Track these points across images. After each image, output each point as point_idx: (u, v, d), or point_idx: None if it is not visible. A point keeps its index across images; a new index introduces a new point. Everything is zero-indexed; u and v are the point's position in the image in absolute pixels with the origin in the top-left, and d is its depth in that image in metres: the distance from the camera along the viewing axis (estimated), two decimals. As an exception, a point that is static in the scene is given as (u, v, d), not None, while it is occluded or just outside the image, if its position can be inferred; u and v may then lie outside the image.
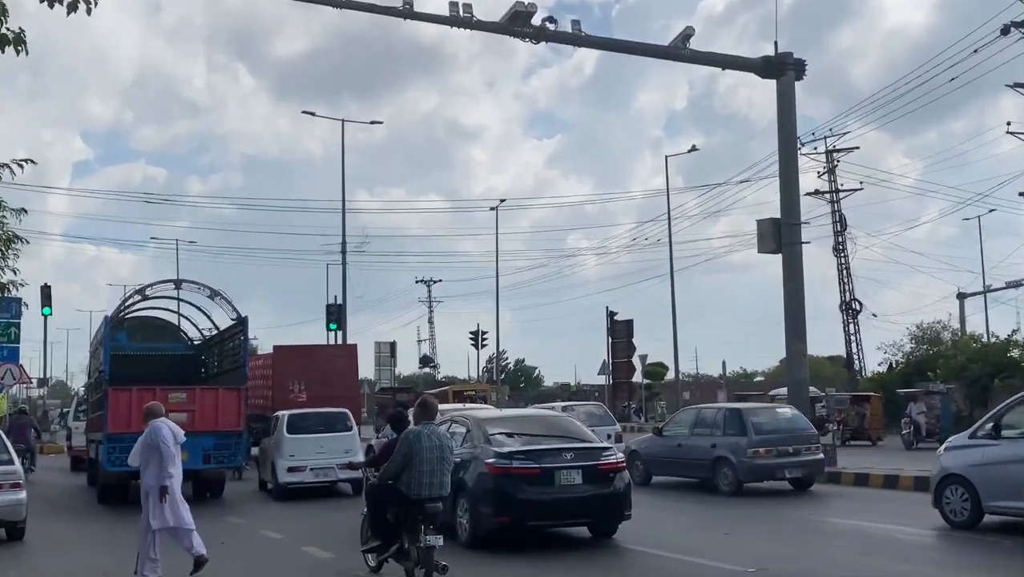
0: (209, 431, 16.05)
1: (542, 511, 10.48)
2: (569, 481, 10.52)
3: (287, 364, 25.27)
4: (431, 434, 8.55)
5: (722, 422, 16.55)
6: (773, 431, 16.33)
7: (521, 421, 11.93)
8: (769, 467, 16.01)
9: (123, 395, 16.08)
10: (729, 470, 16.04)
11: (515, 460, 10.46)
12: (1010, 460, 10.85)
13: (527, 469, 10.43)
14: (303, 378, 24.57)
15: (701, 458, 16.49)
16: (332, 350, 28.48)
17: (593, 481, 10.59)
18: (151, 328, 21.31)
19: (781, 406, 18.92)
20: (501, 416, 12.41)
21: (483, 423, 11.26)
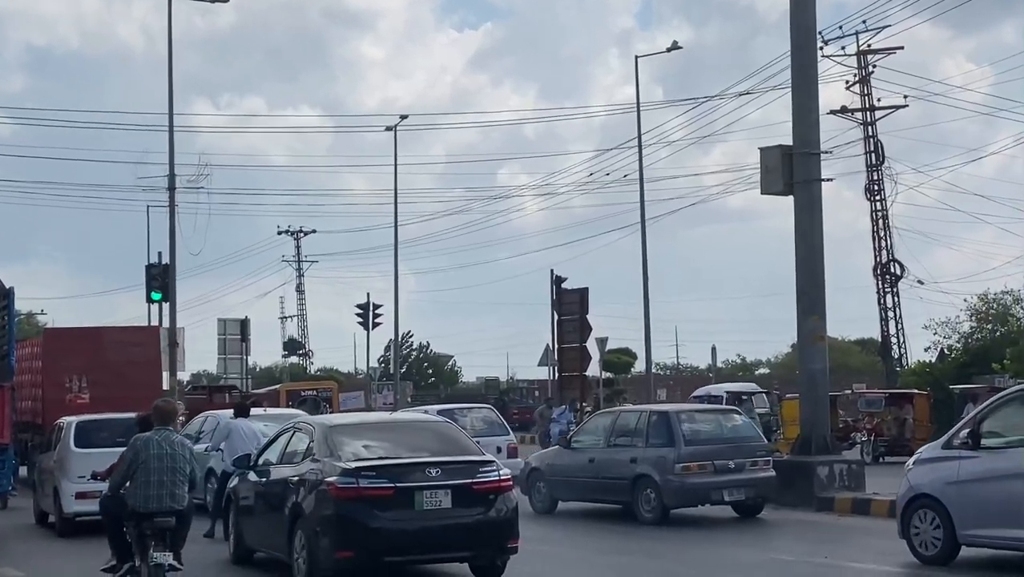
0: None
1: (398, 543, 11.14)
2: (434, 504, 11.21)
3: (63, 354, 25.46)
4: (162, 441, 10.12)
5: (645, 429, 17.30)
6: (709, 440, 17.19)
7: (381, 429, 12.77)
8: (703, 487, 16.71)
9: None
10: (652, 492, 16.74)
11: (363, 478, 11.11)
12: (991, 476, 11.42)
13: (379, 490, 11.06)
14: (85, 372, 24.87)
15: (619, 477, 17.20)
16: (127, 335, 28.74)
17: (466, 504, 11.31)
18: None
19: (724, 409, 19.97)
20: (355, 422, 13.40)
21: (331, 431, 12.06)
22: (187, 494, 10.30)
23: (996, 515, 11.33)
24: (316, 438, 12.08)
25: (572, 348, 46.16)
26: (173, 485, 10.06)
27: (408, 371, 78.73)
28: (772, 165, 20.01)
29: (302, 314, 76.38)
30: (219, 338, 46.53)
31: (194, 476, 10.47)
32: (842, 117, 45.54)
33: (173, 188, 38.38)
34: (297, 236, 74.27)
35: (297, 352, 73.57)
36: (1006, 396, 12.16)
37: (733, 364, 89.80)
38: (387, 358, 71.88)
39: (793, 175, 19.82)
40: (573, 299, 46.47)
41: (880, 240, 46.10)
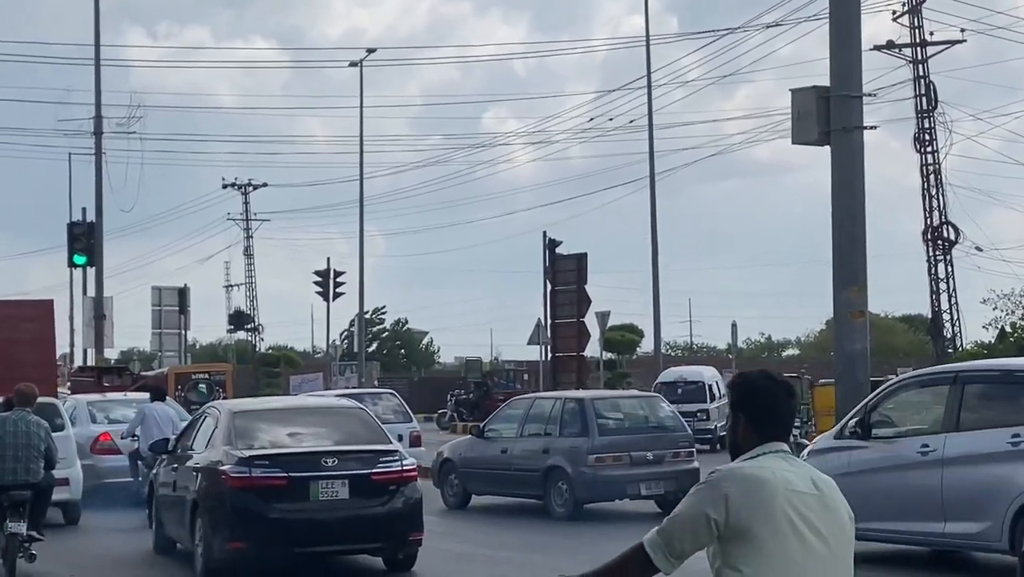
0: None
1: (292, 535, 12.68)
2: (330, 495, 12.79)
3: None
4: (18, 420, 13.19)
5: (559, 417, 18.71)
6: (626, 430, 18.70)
7: (285, 415, 14.48)
8: (618, 481, 18.05)
9: None
10: (565, 485, 18.10)
11: (256, 468, 12.67)
12: (880, 468, 12.73)
13: (272, 479, 12.66)
14: None
15: (531, 469, 18.65)
16: (12, 309, 29.59)
17: (365, 495, 12.93)
18: None
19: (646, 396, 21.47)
20: (259, 408, 15.20)
21: (233, 417, 13.66)
22: (43, 470, 13.23)
23: (885, 508, 12.40)
24: (220, 423, 13.67)
25: (568, 324, 46.32)
26: (28, 460, 13.09)
27: (377, 351, 78.90)
28: (805, 110, 20.02)
29: (251, 282, 76.51)
30: (153, 309, 46.80)
31: (50, 453, 13.36)
32: (888, 54, 45.59)
33: (100, 132, 38.80)
34: (245, 190, 74.29)
35: (244, 327, 73.56)
36: (900, 382, 13.39)
37: (756, 344, 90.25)
38: (351, 335, 71.98)
39: (830, 122, 19.82)
40: (569, 266, 46.62)
41: (931, 199, 46.27)
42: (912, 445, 12.62)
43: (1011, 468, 11.60)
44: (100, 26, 37.71)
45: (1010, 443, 11.71)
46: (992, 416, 12.35)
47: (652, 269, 42.66)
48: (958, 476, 12.02)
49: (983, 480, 11.82)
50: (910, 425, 13.11)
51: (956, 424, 12.31)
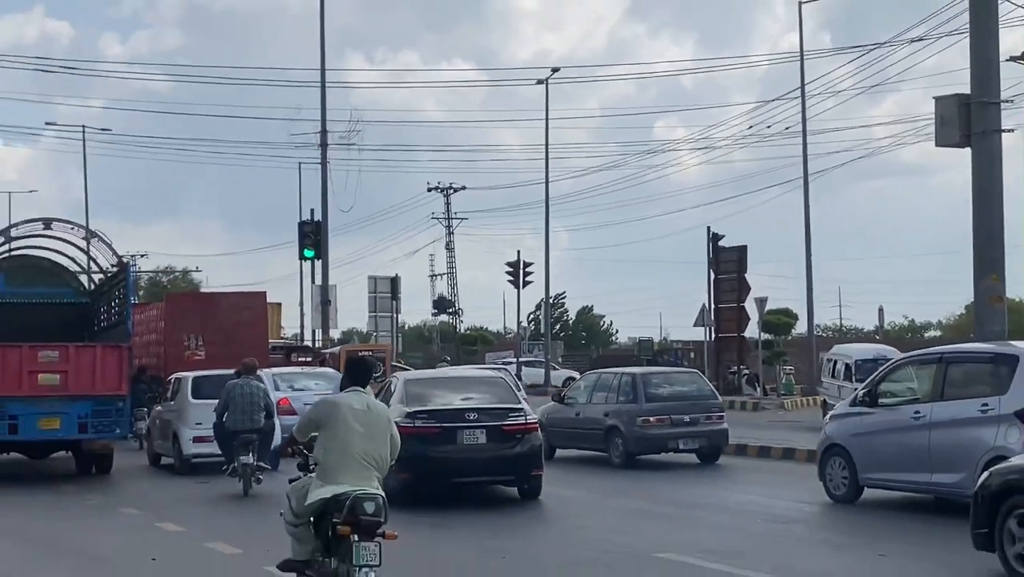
0: (85, 395, 18.84)
1: (443, 469, 15.20)
2: (472, 440, 15.32)
3: (182, 316, 28.97)
4: (244, 384, 17.10)
5: (617, 387, 20.98)
6: (668, 398, 20.67)
7: (443, 382, 17.54)
8: (661, 437, 20.28)
9: None
10: (620, 440, 20.35)
11: (418, 420, 15.17)
12: (883, 429, 14.23)
13: (429, 428, 15.20)
14: (201, 332, 28.20)
15: (595, 428, 20.87)
16: (237, 299, 31.61)
17: (498, 440, 15.36)
18: (35, 270, 23.59)
19: (684, 371, 23.71)
20: (425, 376, 18.94)
21: (406, 384, 16.34)
22: (264, 419, 16.94)
23: (887, 461, 14.12)
24: (397, 388, 16.21)
25: (730, 308, 45.89)
26: (252, 412, 16.84)
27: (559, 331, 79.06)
28: (948, 116, 19.64)
29: (451, 272, 77.11)
30: (369, 295, 47.24)
31: (269, 407, 17.22)
32: None
33: (325, 145, 39.44)
34: (447, 193, 74.90)
35: (446, 310, 74.13)
36: (899, 361, 14.90)
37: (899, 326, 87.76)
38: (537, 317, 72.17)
39: (971, 126, 19.38)
40: (731, 257, 46.12)
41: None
42: (907, 411, 13.93)
43: (980, 431, 12.78)
44: (326, 53, 38.43)
45: (980, 410, 12.88)
46: (967, 389, 13.47)
47: (806, 260, 41.83)
48: (941, 437, 13.29)
49: (960, 440, 13.01)
50: (906, 396, 14.37)
51: (941, 395, 13.54)
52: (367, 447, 8.51)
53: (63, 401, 18.73)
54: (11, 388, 18.60)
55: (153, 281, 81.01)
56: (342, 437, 8.43)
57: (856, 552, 11.59)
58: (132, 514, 15.24)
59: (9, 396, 18.57)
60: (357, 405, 8.59)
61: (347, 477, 8.36)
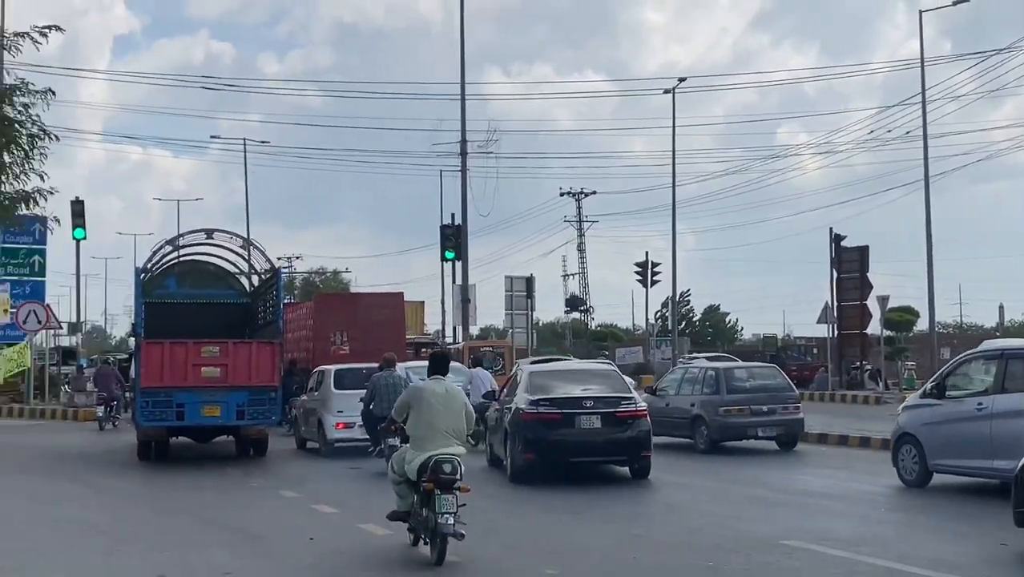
0: (242, 386, 20.31)
1: (563, 450, 16.58)
2: (589, 425, 16.60)
3: (329, 314, 30.34)
4: (387, 376, 17.98)
5: (702, 380, 22.20)
6: (748, 390, 21.84)
7: (562, 373, 18.61)
8: (742, 425, 21.43)
9: (155, 349, 20.53)
10: (705, 428, 21.53)
11: (541, 407, 16.65)
12: (951, 419, 14.89)
13: (550, 414, 16.61)
14: (345, 329, 29.40)
15: (682, 417, 21.99)
16: (377, 299, 33.12)
17: (611, 425, 16.63)
18: (202, 274, 25.20)
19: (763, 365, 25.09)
20: (547, 369, 19.44)
21: (530, 375, 17.82)
22: None
23: (953, 448, 14.81)
24: (522, 379, 17.78)
25: (852, 306, 45.43)
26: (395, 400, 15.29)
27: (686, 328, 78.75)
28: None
29: (583, 272, 77.37)
30: (506, 294, 47.71)
31: None
32: None
33: (465, 153, 40.05)
34: (579, 197, 75.26)
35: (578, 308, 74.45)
36: (966, 357, 15.50)
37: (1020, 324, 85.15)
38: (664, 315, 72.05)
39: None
40: (853, 257, 45.64)
41: None
42: (971, 403, 14.60)
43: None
44: (465, 67, 39.11)
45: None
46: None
47: (927, 259, 41.11)
48: (1002, 426, 13.96)
49: (1018, 429, 13.63)
50: (971, 388, 15.00)
51: (1002, 388, 14.23)
52: (447, 421, 10.74)
53: (223, 391, 20.23)
54: (178, 379, 20.15)
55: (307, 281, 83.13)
56: (427, 415, 10.74)
57: (977, 540, 11.59)
58: (291, 496, 15.90)
59: (176, 386, 20.13)
60: (438, 389, 10.91)
61: (432, 445, 10.60)
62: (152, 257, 23.56)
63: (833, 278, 45.72)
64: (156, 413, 20.15)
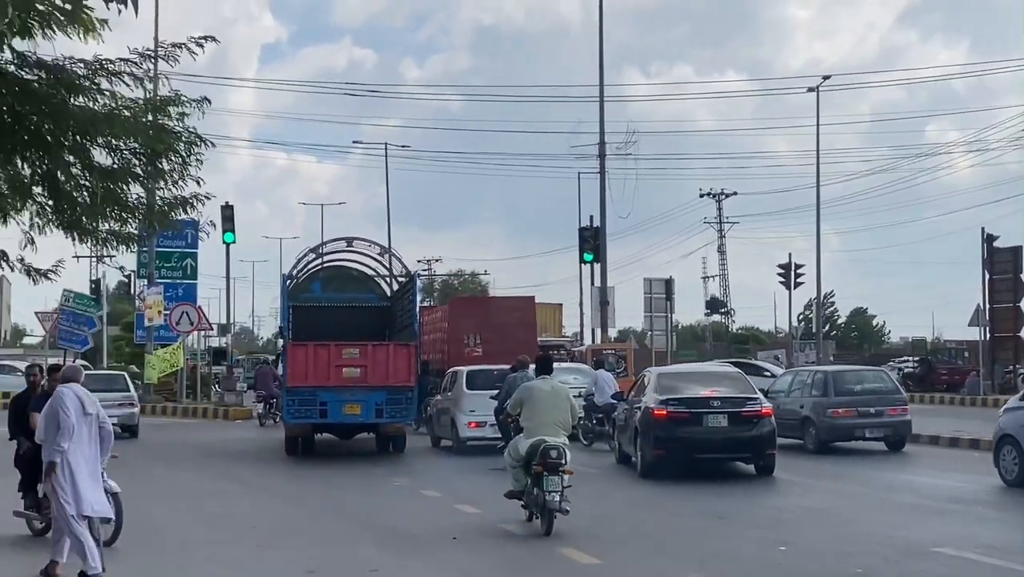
0: (381, 386, 21.59)
1: (691, 447, 17.52)
2: (716, 424, 17.57)
3: (463, 317, 31.33)
4: (521, 377, 17.65)
5: (812, 383, 22.90)
6: (855, 392, 22.44)
7: (690, 375, 19.84)
8: (849, 427, 22.03)
9: (300, 351, 21.99)
10: (813, 429, 22.22)
11: (670, 406, 17.67)
12: None
13: (679, 413, 17.60)
14: (479, 332, 30.32)
15: (792, 418, 22.37)
16: (509, 302, 34.31)
17: (737, 424, 17.59)
18: (345, 278, 26.95)
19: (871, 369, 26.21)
20: (675, 371, 21.23)
21: (659, 377, 18.97)
22: None
23: None
24: (650, 381, 18.93)
25: (1005, 308, 44.09)
26: None
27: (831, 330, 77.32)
28: None
29: (723, 274, 76.68)
30: (645, 296, 47.56)
31: None
32: None
33: (603, 155, 40.13)
34: (719, 198, 74.60)
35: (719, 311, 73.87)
36: None
37: None
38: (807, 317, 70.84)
39: None
40: (1006, 258, 44.27)
41: None
42: None
43: None
44: (604, 69, 39.19)
45: None
46: None
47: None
48: None
49: None
50: None
51: None
52: (554, 414, 12.88)
53: (363, 390, 21.59)
54: (321, 379, 21.56)
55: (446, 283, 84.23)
56: (537, 409, 12.90)
57: None
58: (433, 496, 16.34)
59: (320, 386, 21.56)
60: (545, 387, 13.19)
61: (541, 434, 12.67)
62: (297, 264, 25.28)
63: (985, 279, 44.44)
64: (301, 411, 21.67)
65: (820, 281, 50.13)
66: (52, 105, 10.73)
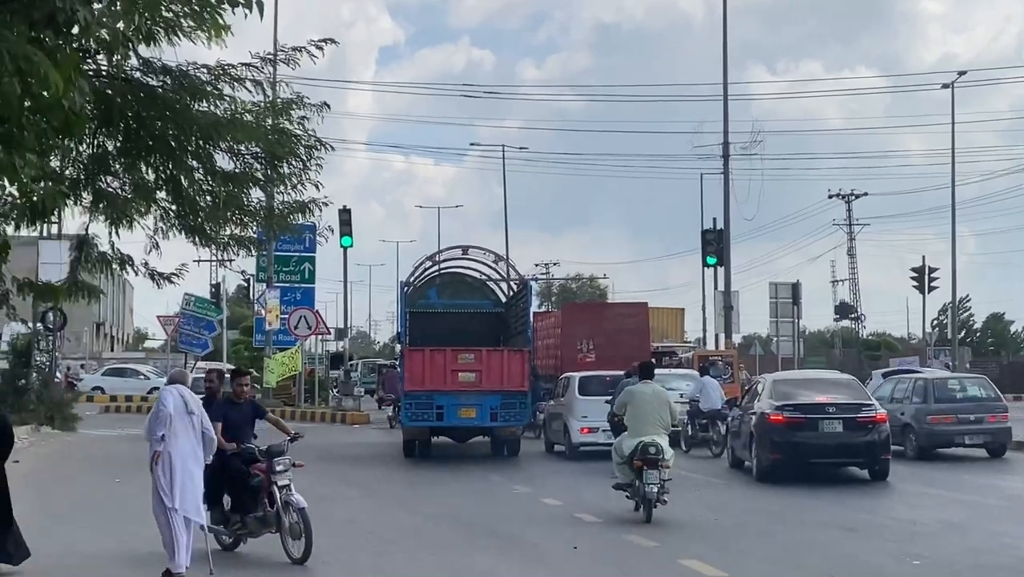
0: (495, 390, 22.50)
1: (808, 452, 18.21)
2: (831, 429, 18.27)
3: (576, 323, 32.07)
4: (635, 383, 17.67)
5: (912, 391, 23.67)
6: (956, 399, 23.26)
7: (805, 381, 20.60)
8: (948, 433, 22.68)
9: (418, 355, 23.00)
10: (913, 436, 22.85)
11: (786, 411, 18.39)
12: None
13: (795, 419, 18.32)
14: (592, 338, 30.87)
15: (893, 424, 21.71)
16: (622, 308, 34.74)
17: (852, 430, 18.26)
18: (461, 285, 27.92)
19: (971, 376, 26.65)
20: (789, 377, 21.61)
21: (774, 383, 19.77)
22: None
23: None
24: (765, 387, 19.70)
25: None
26: None
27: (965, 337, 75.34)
28: None
29: (853, 278, 75.22)
30: (770, 301, 47.03)
31: None
32: None
33: (727, 156, 39.72)
34: (848, 199, 73.24)
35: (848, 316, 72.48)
36: None
37: None
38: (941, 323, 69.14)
39: None
40: None
41: None
42: None
43: None
44: (728, 66, 38.81)
45: None
46: None
47: None
48: None
49: None
50: None
51: None
52: (654, 415, 14.47)
53: (478, 395, 22.48)
54: (438, 384, 22.46)
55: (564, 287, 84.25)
56: (639, 410, 14.54)
57: None
58: (553, 504, 16.47)
59: (437, 390, 22.46)
60: (647, 391, 14.84)
61: (643, 433, 14.32)
62: (414, 272, 26.72)
63: None
64: (419, 414, 22.68)
65: (955, 285, 49.00)
66: (176, 110, 11.05)
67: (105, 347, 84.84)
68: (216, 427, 11.22)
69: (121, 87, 10.72)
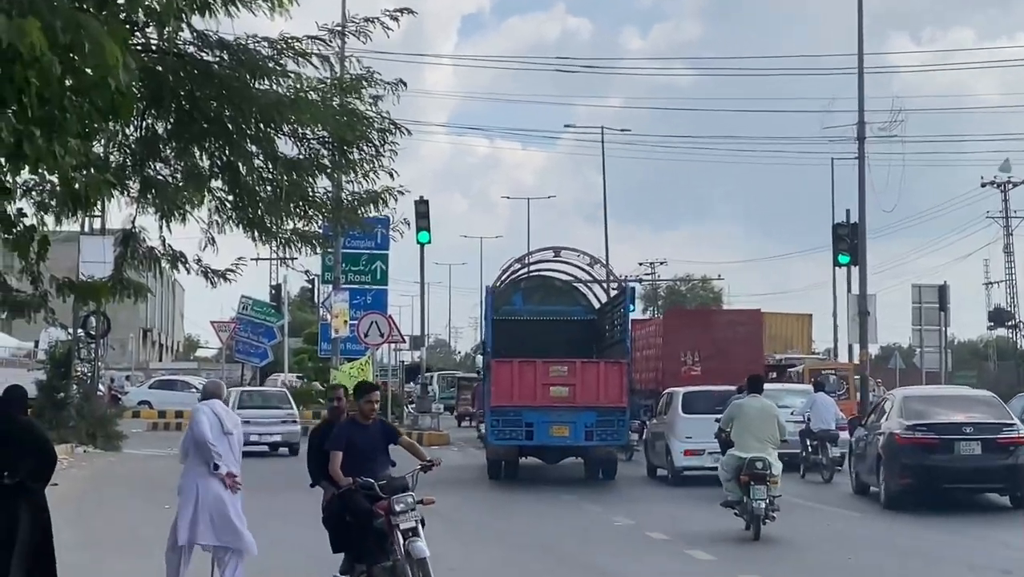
0: (591, 407, 22.80)
1: (941, 476, 18.46)
2: (968, 451, 18.54)
3: (680, 332, 32.52)
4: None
5: None
6: None
7: (938, 399, 20.71)
8: None
9: (505, 368, 23.40)
10: None
11: (917, 431, 18.70)
12: None
13: (927, 439, 18.60)
14: (697, 348, 31.27)
15: None
16: (733, 316, 35.70)
17: (992, 452, 18.46)
18: (549, 289, 28.46)
19: None
20: (921, 394, 21.80)
21: (904, 400, 20.12)
22: None
23: None
24: (895, 405, 19.90)
25: None
26: None
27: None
28: None
29: (1010, 279, 74.05)
30: (913, 306, 46.53)
31: None
32: None
33: (863, 138, 39.27)
34: (1005, 188, 72.08)
35: (1005, 323, 71.28)
36: None
37: None
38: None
39: None
40: None
41: None
42: None
43: None
44: (863, 35, 38.43)
45: None
46: None
47: None
48: None
49: None
50: None
51: None
52: (761, 430, 15.65)
53: (571, 411, 22.81)
54: (527, 399, 22.83)
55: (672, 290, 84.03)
56: (746, 425, 15.78)
57: None
58: (658, 538, 16.60)
59: (526, 406, 22.83)
60: (755, 405, 16.08)
61: (750, 448, 15.59)
62: (501, 276, 27.23)
63: None
64: (506, 432, 23.09)
65: None
66: (233, 89, 11.19)
67: (153, 356, 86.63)
68: (335, 457, 10.77)
69: (173, 63, 10.92)
